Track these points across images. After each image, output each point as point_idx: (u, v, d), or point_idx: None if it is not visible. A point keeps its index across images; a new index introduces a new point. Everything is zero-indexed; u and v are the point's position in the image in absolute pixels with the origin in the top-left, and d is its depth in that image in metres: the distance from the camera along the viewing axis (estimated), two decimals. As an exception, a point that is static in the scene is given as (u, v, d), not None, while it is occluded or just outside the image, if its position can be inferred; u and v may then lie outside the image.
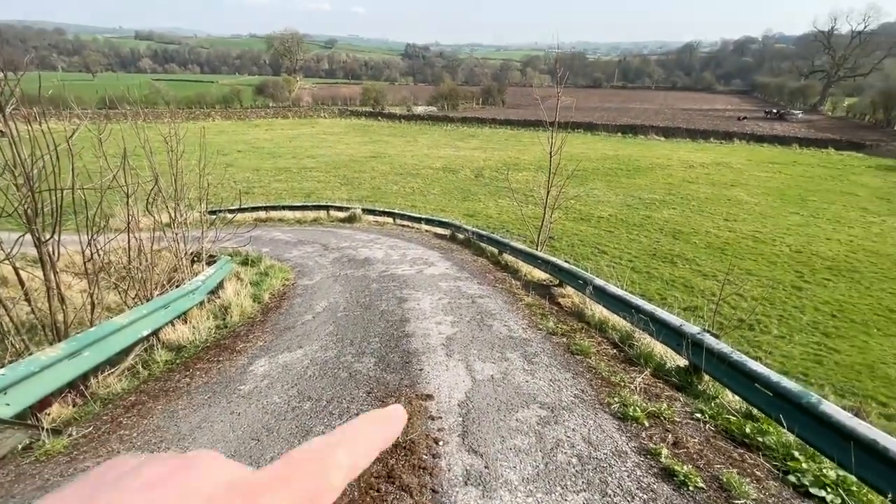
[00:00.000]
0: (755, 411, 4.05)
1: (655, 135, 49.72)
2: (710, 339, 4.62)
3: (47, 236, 5.14)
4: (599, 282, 6.94)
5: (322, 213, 19.04)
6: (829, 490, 3.13)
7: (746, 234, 18.53)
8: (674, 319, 5.27)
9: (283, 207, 19.90)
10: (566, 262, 8.62)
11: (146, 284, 6.78)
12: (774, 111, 62.49)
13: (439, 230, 15.51)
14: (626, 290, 6.79)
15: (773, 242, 17.51)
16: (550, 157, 10.54)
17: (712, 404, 4.25)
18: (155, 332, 5.79)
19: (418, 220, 16.91)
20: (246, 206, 18.81)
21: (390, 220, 17.98)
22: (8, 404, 3.72)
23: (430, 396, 4.22)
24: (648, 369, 4.96)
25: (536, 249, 10.51)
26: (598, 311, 6.76)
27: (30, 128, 4.96)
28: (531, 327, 6.15)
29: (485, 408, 4.02)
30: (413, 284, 8.34)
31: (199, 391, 4.48)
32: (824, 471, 3.29)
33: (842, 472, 3.25)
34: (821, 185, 27.57)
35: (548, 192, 10.91)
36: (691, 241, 17.70)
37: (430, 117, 65.47)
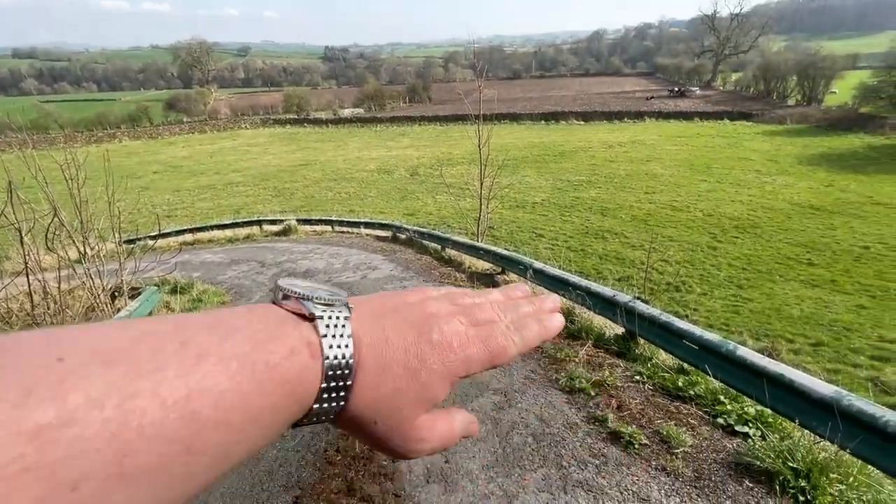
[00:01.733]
0: (686, 366, 4.45)
1: (575, 119, 52.44)
2: (640, 306, 4.99)
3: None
4: (539, 265, 7.24)
5: (255, 229, 18.12)
6: (750, 425, 3.52)
7: (665, 204, 20.14)
8: (607, 291, 5.64)
9: (212, 227, 18.70)
10: (506, 249, 8.90)
11: (58, 330, 6.10)
12: (676, 89, 68.10)
13: (380, 232, 15.35)
14: (564, 269, 7.15)
15: (688, 209, 19.18)
16: (480, 149, 10.79)
17: (648, 365, 4.60)
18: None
19: (357, 224, 16.63)
20: (168, 231, 17.46)
21: (328, 227, 17.51)
22: None
23: (386, 401, 4.20)
24: (590, 341, 5.27)
25: (477, 241, 10.75)
26: (541, 291, 7.04)
27: None
28: (479, 317, 6.29)
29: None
30: (358, 291, 8.21)
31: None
32: (745, 409, 3.69)
33: (759, 408, 3.67)
34: (721, 154, 30.56)
35: (481, 184, 11.18)
36: (618, 216, 18.94)
37: (359, 119, 64.37)
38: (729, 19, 79.93)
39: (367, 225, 16.21)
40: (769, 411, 3.59)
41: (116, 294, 8.09)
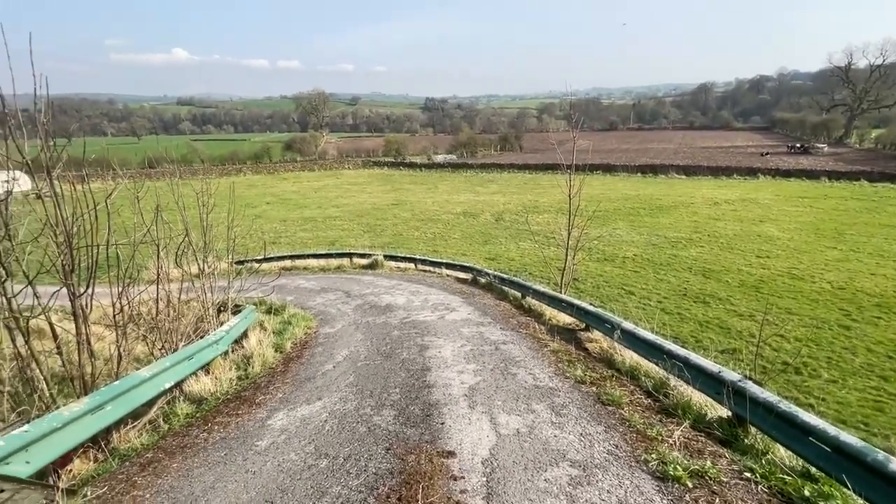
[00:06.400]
0: (813, 470, 3.64)
1: (676, 173, 49.51)
2: (753, 387, 4.27)
3: (82, 290, 5.33)
4: (628, 325, 6.64)
5: (345, 261, 19.34)
6: (912, 567, 2.71)
7: (782, 270, 17.73)
8: (711, 365, 4.94)
9: (308, 256, 20.36)
10: (592, 304, 8.34)
11: (172, 335, 6.87)
12: (798, 145, 61.66)
13: (461, 274, 15.45)
14: (657, 333, 6.47)
15: (812, 279, 16.66)
16: (570, 198, 10.52)
17: (763, 461, 3.85)
18: (178, 385, 5.79)
19: (439, 264, 16.95)
20: (272, 256, 19.32)
21: (412, 265, 18.08)
22: (28, 462, 3.70)
23: (451, 453, 3.99)
24: (687, 421, 4.59)
25: (560, 292, 10.27)
26: (629, 356, 6.42)
27: (73, 189, 5.28)
28: (558, 375, 5.87)
29: (510, 466, 3.76)
30: (434, 331, 8.19)
31: (215, 447, 4.37)
32: (904, 543, 2.87)
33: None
34: (857, 219, 26.49)
35: (569, 234, 10.81)
36: (723, 279, 17.03)
37: (450, 165, 67.40)
38: (868, 71, 71.33)
39: (449, 266, 16.44)
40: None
41: (222, 309, 8.98)
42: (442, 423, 4.54)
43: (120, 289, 5.85)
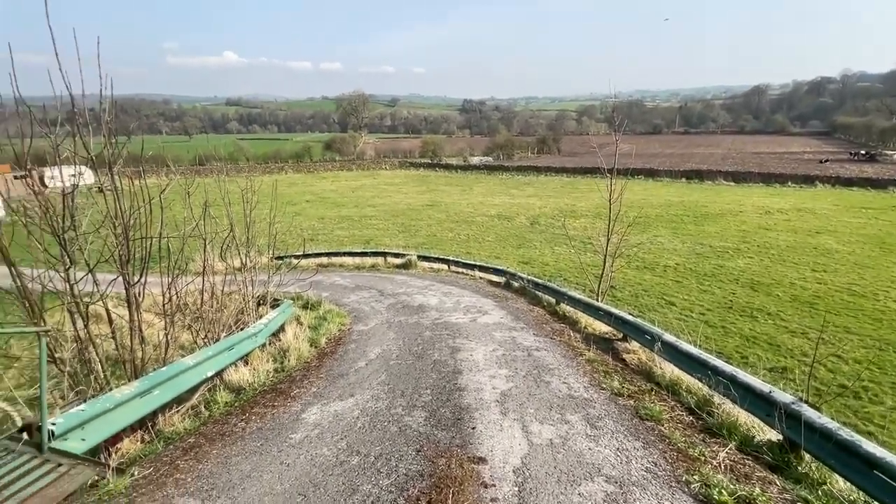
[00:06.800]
0: (877, 506, 3.34)
1: (724, 180, 47.23)
2: (808, 411, 3.97)
3: (136, 279, 5.64)
4: (669, 337, 6.36)
5: (380, 260, 19.61)
6: None
7: (840, 286, 16.51)
8: (760, 384, 4.64)
9: (344, 254, 20.78)
10: (630, 314, 8.05)
11: (215, 326, 7.17)
12: (863, 152, 57.41)
13: (493, 277, 15.32)
14: (699, 347, 6.15)
15: (875, 297, 15.41)
16: (610, 203, 10.21)
17: (819, 493, 3.57)
18: (219, 373, 6.03)
19: (472, 266, 16.87)
20: (310, 253, 19.86)
21: (445, 266, 18.10)
22: (83, 439, 3.94)
23: (482, 460, 3.93)
24: (733, 442, 4.32)
25: (597, 300, 9.99)
26: (669, 370, 6.14)
27: (131, 184, 5.60)
28: (593, 386, 5.69)
29: (543, 477, 3.66)
30: (466, 333, 8.15)
31: (252, 437, 4.51)
32: None
33: None
34: (929, 233, 24.31)
35: (608, 240, 10.48)
36: (773, 293, 16.05)
37: (486, 167, 67.15)
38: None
39: (482, 269, 16.34)
40: None
41: (261, 302, 9.30)
42: (473, 428, 4.49)
43: (170, 279, 6.16)
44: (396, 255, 19.60)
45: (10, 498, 3.23)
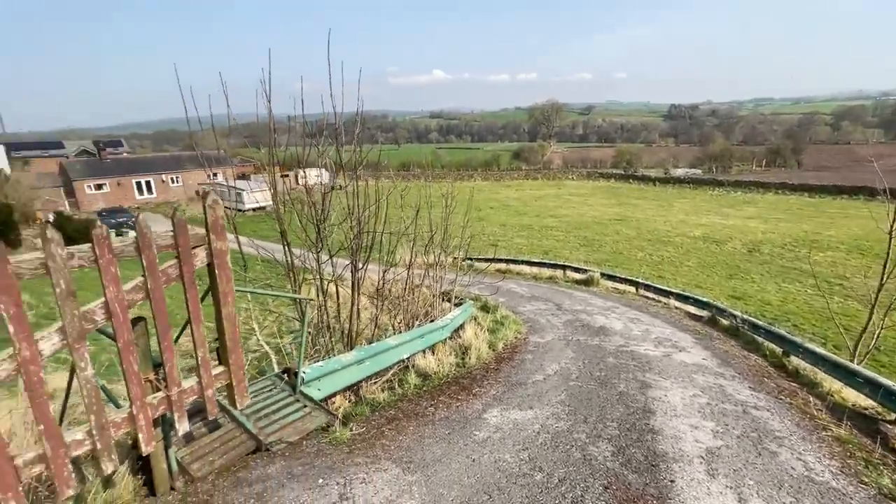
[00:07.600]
0: None
1: None
2: None
3: (360, 266, 6.76)
4: None
5: (558, 272, 19.10)
6: None
7: None
8: None
9: (522, 262, 20.97)
10: (913, 390, 5.81)
11: (409, 314, 8.07)
12: None
13: (693, 309, 13.20)
14: None
15: None
16: (891, 236, 7.61)
17: None
18: (410, 357, 6.74)
19: (667, 293, 14.90)
20: (491, 258, 20.69)
21: (632, 288, 16.48)
22: (319, 389, 4.88)
23: (682, 524, 3.34)
24: None
25: (852, 360, 7.57)
26: None
27: (366, 185, 6.73)
28: (846, 475, 4.28)
29: (769, 576, 2.89)
30: (658, 370, 7.18)
31: (441, 423, 4.87)
32: None
33: None
34: None
35: (881, 284, 7.82)
36: None
37: (692, 180, 58.74)
38: None
39: (680, 297, 14.27)
40: None
41: (445, 298, 10.08)
42: (671, 481, 3.87)
43: (384, 269, 7.19)
44: (577, 270, 18.78)
45: (275, 423, 4.21)
